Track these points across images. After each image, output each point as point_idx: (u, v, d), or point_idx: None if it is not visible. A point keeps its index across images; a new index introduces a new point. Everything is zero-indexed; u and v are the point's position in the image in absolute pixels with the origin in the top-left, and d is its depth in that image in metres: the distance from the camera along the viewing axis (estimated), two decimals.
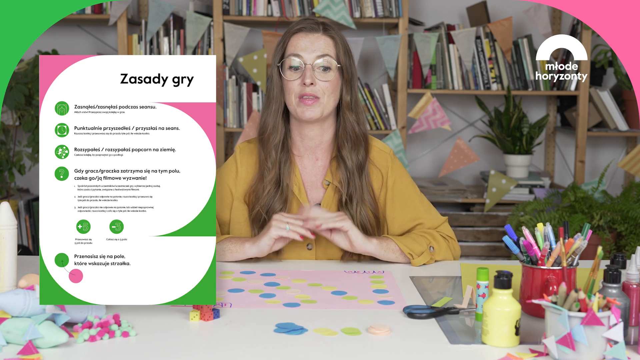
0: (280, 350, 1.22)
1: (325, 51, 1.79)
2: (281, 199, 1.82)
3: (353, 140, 1.82)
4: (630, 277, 1.35)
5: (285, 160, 1.84)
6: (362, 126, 1.85)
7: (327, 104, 1.79)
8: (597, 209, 3.17)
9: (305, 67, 1.77)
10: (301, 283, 1.63)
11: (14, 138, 3.38)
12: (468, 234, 3.55)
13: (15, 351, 1.18)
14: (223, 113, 3.47)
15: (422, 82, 3.55)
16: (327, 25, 1.83)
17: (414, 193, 1.88)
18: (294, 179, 1.84)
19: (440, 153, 3.92)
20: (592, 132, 3.62)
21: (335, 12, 3.35)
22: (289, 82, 1.79)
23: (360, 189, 1.81)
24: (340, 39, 1.82)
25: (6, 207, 1.42)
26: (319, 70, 1.78)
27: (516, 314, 1.23)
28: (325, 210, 1.75)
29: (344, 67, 1.81)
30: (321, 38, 1.80)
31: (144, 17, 3.69)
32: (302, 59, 1.78)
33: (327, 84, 1.78)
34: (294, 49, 1.79)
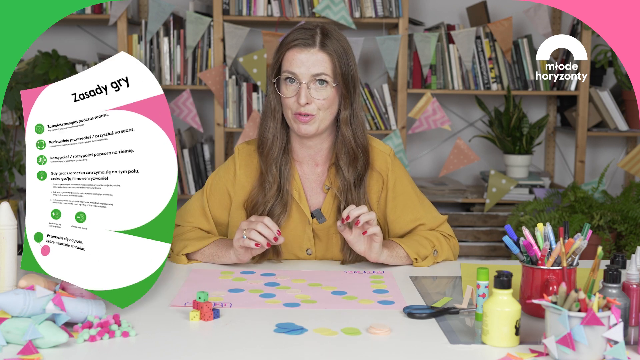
0: (280, 350, 1.22)
1: (320, 69, 1.73)
2: (281, 204, 1.80)
3: (350, 155, 1.79)
4: (630, 277, 1.35)
5: (285, 164, 1.82)
6: (359, 139, 1.80)
7: (323, 119, 1.76)
8: (597, 209, 3.17)
9: (301, 86, 1.73)
10: (301, 283, 1.63)
11: (14, 138, 3.39)
12: (468, 234, 3.56)
13: (15, 351, 1.18)
14: (223, 113, 3.47)
15: (422, 82, 3.55)
16: (325, 36, 1.75)
17: (413, 194, 1.87)
18: (294, 184, 1.83)
19: (440, 153, 3.92)
20: (592, 132, 3.62)
21: (335, 12, 3.36)
22: (285, 98, 1.76)
23: (357, 201, 1.79)
24: (338, 52, 1.75)
25: (6, 207, 1.42)
26: (315, 87, 1.73)
27: (516, 314, 1.23)
28: (364, 207, 1.69)
29: (341, 83, 1.76)
30: (317, 54, 1.73)
31: (144, 17, 3.69)
32: (297, 77, 1.73)
33: (323, 102, 1.74)
34: (289, 66, 1.74)
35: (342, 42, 1.77)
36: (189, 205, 1.91)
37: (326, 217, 1.81)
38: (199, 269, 1.76)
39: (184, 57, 3.45)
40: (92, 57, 3.70)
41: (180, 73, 3.46)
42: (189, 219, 1.88)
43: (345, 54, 1.77)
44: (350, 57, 1.78)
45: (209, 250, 1.79)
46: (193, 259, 1.81)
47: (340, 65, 1.74)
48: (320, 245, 1.84)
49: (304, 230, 1.83)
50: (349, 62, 1.77)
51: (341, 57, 1.75)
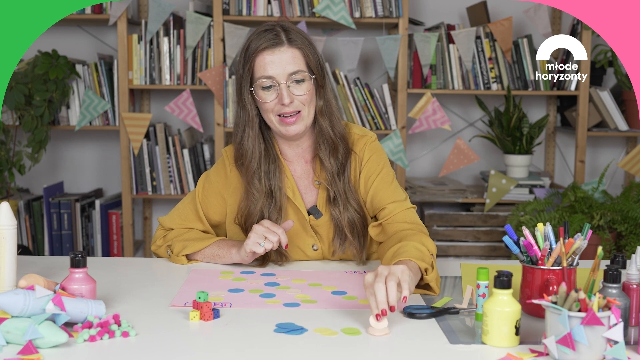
0: (280, 350, 1.22)
1: (295, 66, 1.72)
2: (275, 210, 1.79)
3: (330, 145, 1.79)
4: (630, 277, 1.35)
5: (274, 169, 1.80)
6: (336, 128, 1.79)
7: (308, 114, 1.76)
8: (597, 209, 3.17)
9: (280, 87, 1.72)
10: (301, 283, 1.63)
11: (14, 138, 3.39)
12: (468, 234, 3.56)
13: (15, 351, 1.18)
14: (223, 113, 3.47)
15: (422, 82, 3.55)
16: (287, 32, 1.74)
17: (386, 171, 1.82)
18: (288, 184, 1.82)
19: (440, 153, 3.92)
20: (592, 132, 3.61)
21: (335, 12, 3.35)
22: (265, 103, 1.74)
23: (343, 190, 1.79)
24: (305, 44, 1.74)
25: (6, 207, 1.42)
26: (293, 85, 1.73)
27: (516, 314, 1.23)
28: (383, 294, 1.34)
29: (316, 74, 1.76)
30: (287, 51, 1.72)
31: (144, 17, 3.69)
32: (274, 79, 1.72)
33: (304, 97, 1.73)
34: (263, 71, 1.71)
35: (304, 34, 1.77)
36: (181, 210, 1.89)
37: (322, 211, 1.82)
38: (199, 269, 1.76)
39: (184, 57, 3.45)
40: (92, 57, 3.70)
41: (180, 73, 3.46)
42: (183, 223, 1.88)
43: (310, 44, 1.77)
44: (314, 47, 1.78)
45: (210, 250, 1.79)
46: (193, 259, 1.81)
47: (311, 56, 1.75)
48: (323, 240, 1.84)
49: (305, 228, 1.83)
50: (315, 51, 1.77)
51: (309, 48, 1.75)
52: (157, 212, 3.88)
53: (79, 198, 3.55)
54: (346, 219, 1.79)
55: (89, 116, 3.44)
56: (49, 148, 3.72)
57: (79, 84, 3.48)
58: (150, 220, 3.86)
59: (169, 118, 3.79)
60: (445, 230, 3.53)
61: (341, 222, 1.79)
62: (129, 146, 3.48)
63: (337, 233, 1.80)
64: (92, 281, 1.39)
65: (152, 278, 1.68)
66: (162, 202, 3.87)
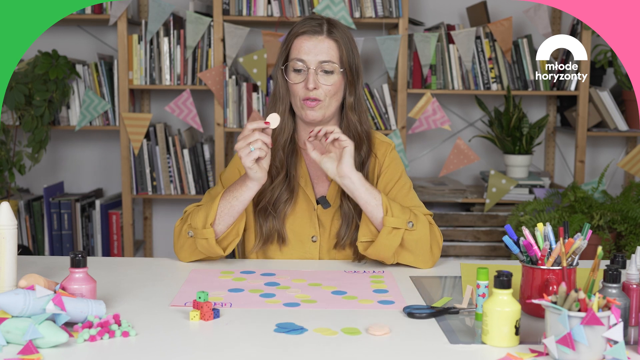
0: (280, 350, 1.22)
1: (328, 56, 1.80)
2: (288, 190, 1.84)
3: (355, 140, 1.85)
4: (630, 277, 1.35)
5: (291, 152, 1.87)
6: (364, 125, 1.87)
7: (329, 106, 1.82)
8: (597, 209, 3.17)
9: (309, 72, 1.79)
10: (301, 283, 1.63)
11: (14, 138, 3.39)
12: (468, 234, 3.56)
13: (15, 351, 1.18)
14: (223, 113, 3.47)
15: (422, 82, 3.55)
16: (332, 25, 1.83)
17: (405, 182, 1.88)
18: (301, 172, 1.88)
19: (440, 153, 3.92)
20: (592, 132, 3.61)
21: (335, 12, 3.35)
22: (293, 85, 1.82)
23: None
24: (344, 40, 1.82)
25: (6, 207, 1.42)
26: (322, 74, 1.80)
27: (516, 314, 1.24)
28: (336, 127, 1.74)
29: (347, 70, 1.82)
30: (324, 41, 1.81)
31: (144, 17, 3.69)
32: (305, 63, 1.80)
33: (329, 88, 1.80)
34: (298, 53, 1.80)
35: (347, 33, 1.85)
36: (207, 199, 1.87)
37: (332, 203, 1.86)
38: (199, 269, 1.76)
39: (184, 57, 3.45)
40: (92, 57, 3.70)
41: (180, 73, 3.46)
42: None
43: (350, 43, 1.84)
44: (355, 47, 1.86)
45: (224, 202, 1.75)
46: (218, 229, 1.75)
47: (347, 52, 1.82)
48: (324, 232, 1.86)
49: (310, 217, 1.86)
50: (353, 50, 1.85)
51: (347, 44, 1.83)
52: (157, 212, 3.88)
53: (79, 198, 3.55)
54: (359, 210, 1.81)
55: (89, 116, 3.45)
56: (49, 148, 3.72)
57: (79, 84, 3.48)
58: (150, 220, 3.86)
59: (169, 118, 3.79)
60: (445, 230, 3.53)
61: (352, 211, 1.81)
62: (129, 146, 3.48)
63: (344, 224, 1.83)
64: (92, 281, 1.39)
65: (152, 278, 1.68)
66: (162, 202, 3.87)
